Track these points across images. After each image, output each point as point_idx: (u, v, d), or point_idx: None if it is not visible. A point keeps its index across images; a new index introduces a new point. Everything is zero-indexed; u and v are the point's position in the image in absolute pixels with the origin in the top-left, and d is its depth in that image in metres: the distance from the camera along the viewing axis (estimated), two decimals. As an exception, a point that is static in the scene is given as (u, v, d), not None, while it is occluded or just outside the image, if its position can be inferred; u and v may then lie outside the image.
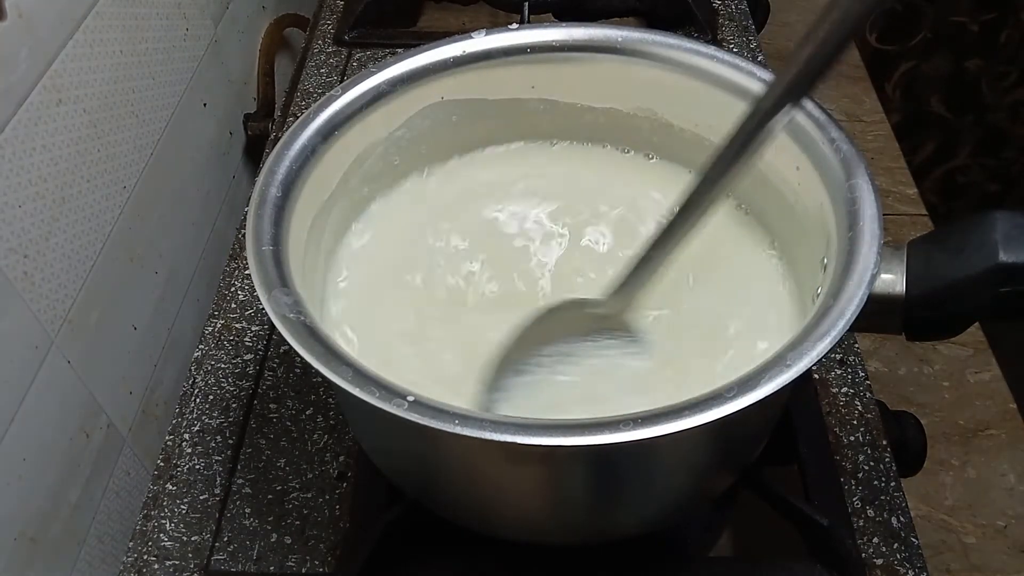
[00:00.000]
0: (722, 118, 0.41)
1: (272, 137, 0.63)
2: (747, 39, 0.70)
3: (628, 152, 0.46)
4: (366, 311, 0.41)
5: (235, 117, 0.70)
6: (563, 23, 0.43)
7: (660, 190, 0.45)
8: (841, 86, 0.80)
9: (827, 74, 0.30)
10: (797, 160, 0.38)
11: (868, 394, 0.47)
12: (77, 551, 0.46)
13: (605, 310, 0.38)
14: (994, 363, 0.60)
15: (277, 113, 0.66)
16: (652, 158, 0.46)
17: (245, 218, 0.56)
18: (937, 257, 0.32)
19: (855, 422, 0.46)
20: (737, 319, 0.39)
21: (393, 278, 0.42)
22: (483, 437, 0.27)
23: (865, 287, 0.30)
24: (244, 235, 0.55)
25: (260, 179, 0.36)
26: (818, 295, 0.33)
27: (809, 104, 0.38)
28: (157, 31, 0.56)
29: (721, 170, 0.33)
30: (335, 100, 0.40)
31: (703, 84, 0.41)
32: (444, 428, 0.27)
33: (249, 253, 0.33)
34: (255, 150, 0.72)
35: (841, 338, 0.29)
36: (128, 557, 0.41)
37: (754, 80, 0.39)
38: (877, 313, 0.31)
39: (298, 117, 0.39)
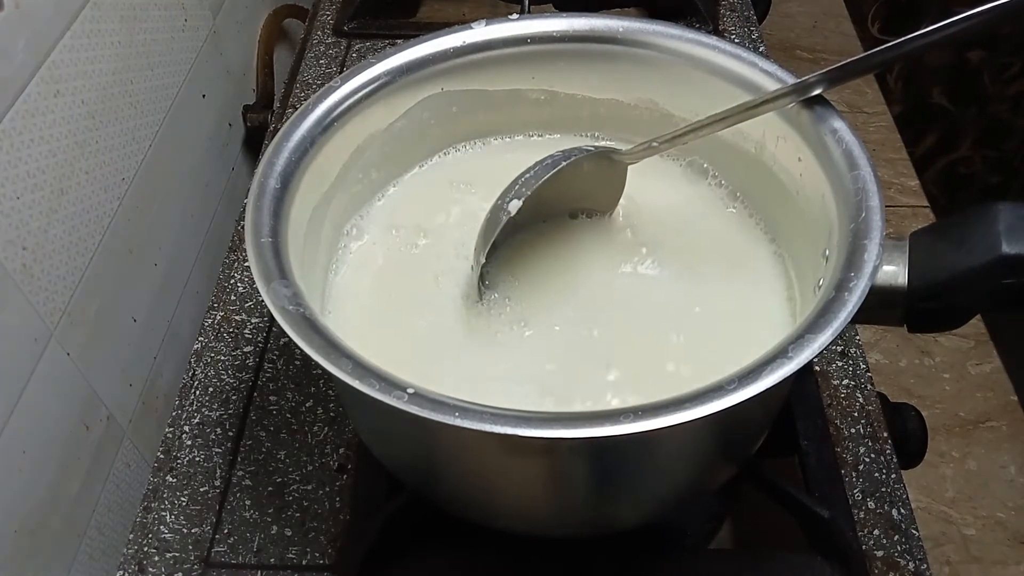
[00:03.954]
0: (724, 108, 0.41)
1: (271, 128, 0.63)
2: (748, 30, 0.70)
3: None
4: (366, 304, 0.41)
5: (234, 108, 0.70)
6: (564, 13, 0.43)
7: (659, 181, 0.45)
8: (843, 77, 0.79)
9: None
10: (799, 151, 0.38)
11: (869, 386, 0.47)
12: (77, 543, 0.46)
13: (626, 158, 0.40)
14: (995, 355, 0.60)
15: (276, 104, 0.66)
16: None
17: (245, 210, 0.56)
18: (940, 249, 0.31)
19: (856, 414, 0.45)
20: (735, 309, 0.39)
21: (393, 271, 0.42)
22: (482, 429, 0.27)
23: (867, 279, 0.30)
24: (243, 227, 0.55)
25: (259, 170, 0.36)
26: (819, 287, 0.33)
27: (812, 95, 0.38)
28: (155, 22, 0.56)
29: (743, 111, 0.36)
30: (334, 91, 0.39)
31: (705, 74, 0.41)
32: (444, 420, 0.27)
33: (248, 245, 0.33)
34: (254, 141, 0.72)
35: (843, 330, 0.29)
36: (128, 549, 0.41)
37: (756, 71, 0.39)
38: (879, 305, 0.31)
39: (297, 108, 0.39)
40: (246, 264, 0.54)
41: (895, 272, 0.32)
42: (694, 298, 0.40)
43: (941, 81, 1.20)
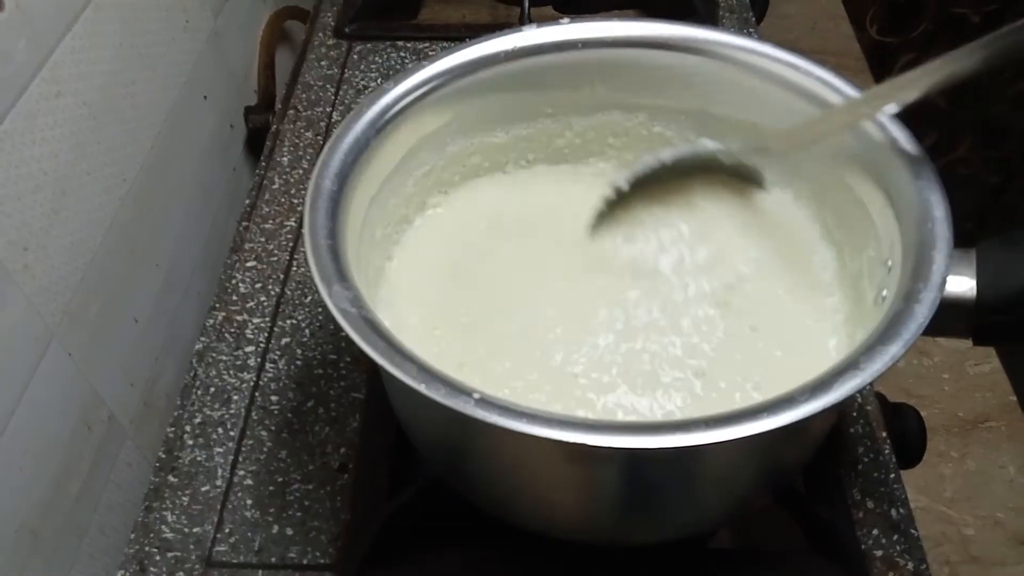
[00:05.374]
0: (778, 116, 0.41)
1: (273, 130, 0.63)
2: (747, 32, 0.70)
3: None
4: (418, 306, 0.41)
5: (235, 110, 0.70)
6: (617, 18, 0.43)
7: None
8: (842, 78, 0.80)
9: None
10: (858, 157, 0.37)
11: (868, 386, 0.47)
12: (78, 543, 0.46)
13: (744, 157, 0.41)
14: (994, 355, 0.60)
15: (278, 106, 0.66)
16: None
17: (247, 211, 0.57)
18: (1010, 259, 0.31)
19: (854, 414, 0.45)
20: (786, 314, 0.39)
21: (447, 273, 0.42)
22: (551, 437, 0.27)
23: (937, 290, 0.29)
24: (245, 227, 0.56)
25: (315, 171, 0.36)
26: (883, 297, 0.33)
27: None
28: (157, 23, 0.56)
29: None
30: (387, 93, 0.39)
31: (759, 81, 0.41)
32: (511, 427, 0.27)
33: (308, 247, 0.33)
34: (256, 143, 0.72)
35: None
36: (130, 549, 0.41)
37: (811, 79, 0.39)
38: (946, 317, 0.30)
39: (298, 110, 0.39)
40: (248, 264, 0.54)
41: (963, 283, 0.31)
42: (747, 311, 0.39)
43: (939, 82, 1.20)
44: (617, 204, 0.43)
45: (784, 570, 0.40)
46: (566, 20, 0.43)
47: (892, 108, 0.35)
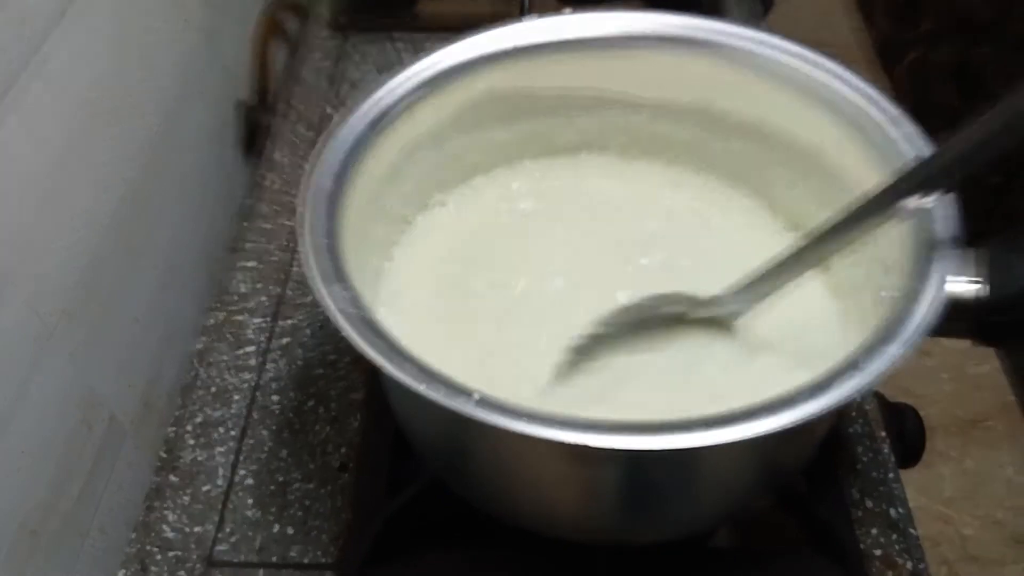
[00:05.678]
0: (782, 114, 0.40)
1: (270, 127, 0.63)
2: (754, 23, 0.70)
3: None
4: (418, 308, 0.40)
5: (231, 106, 0.70)
6: (616, 12, 0.42)
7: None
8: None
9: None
10: (866, 156, 0.37)
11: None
12: (79, 543, 0.46)
13: (716, 311, 0.37)
14: (993, 356, 0.60)
15: (271, 99, 0.66)
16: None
17: (244, 210, 0.56)
18: (1011, 259, 0.31)
19: (854, 414, 0.46)
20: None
21: (447, 273, 0.42)
22: (551, 438, 0.27)
23: (939, 291, 0.29)
24: (244, 227, 0.55)
25: (311, 170, 0.35)
26: (881, 296, 0.33)
27: (880, 98, 0.37)
28: (150, 19, 0.56)
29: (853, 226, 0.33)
30: (383, 88, 0.39)
31: (766, 75, 0.40)
32: (512, 428, 0.27)
33: (306, 246, 0.33)
34: (252, 139, 0.71)
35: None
36: (131, 548, 0.42)
37: (820, 71, 0.38)
38: (949, 316, 0.30)
39: (294, 106, 0.39)
40: (247, 264, 0.54)
41: (968, 283, 0.31)
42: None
43: (947, 79, 1.19)
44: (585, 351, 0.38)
45: (783, 569, 0.40)
46: (568, 10, 0.42)
47: (929, 201, 0.32)
